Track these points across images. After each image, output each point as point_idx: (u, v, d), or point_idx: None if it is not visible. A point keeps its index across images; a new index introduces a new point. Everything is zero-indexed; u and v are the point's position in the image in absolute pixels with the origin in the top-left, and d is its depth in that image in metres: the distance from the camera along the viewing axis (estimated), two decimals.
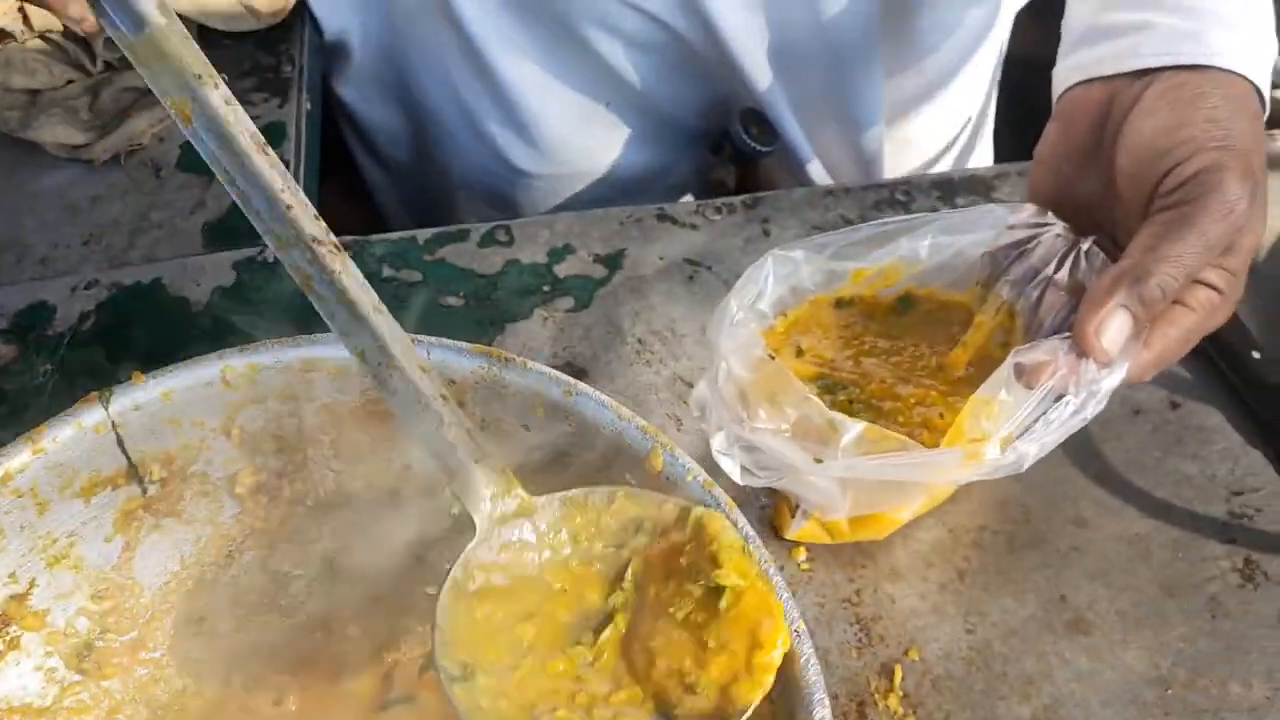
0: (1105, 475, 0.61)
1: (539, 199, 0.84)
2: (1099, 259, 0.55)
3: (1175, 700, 0.53)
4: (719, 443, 0.56)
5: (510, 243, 0.72)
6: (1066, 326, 0.54)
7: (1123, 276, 0.49)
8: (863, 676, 0.54)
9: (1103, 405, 0.51)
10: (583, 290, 0.70)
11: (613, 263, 0.71)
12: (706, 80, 0.82)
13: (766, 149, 0.82)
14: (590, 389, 0.49)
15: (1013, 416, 0.52)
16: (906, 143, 0.92)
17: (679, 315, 0.68)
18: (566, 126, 0.81)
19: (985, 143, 1.01)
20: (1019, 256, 0.57)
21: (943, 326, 0.62)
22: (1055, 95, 0.57)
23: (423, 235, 0.72)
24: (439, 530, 0.54)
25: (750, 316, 0.59)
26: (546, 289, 0.70)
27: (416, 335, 0.51)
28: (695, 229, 0.73)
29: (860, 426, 0.53)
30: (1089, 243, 0.56)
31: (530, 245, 0.72)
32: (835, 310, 0.63)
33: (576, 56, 0.79)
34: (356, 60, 0.84)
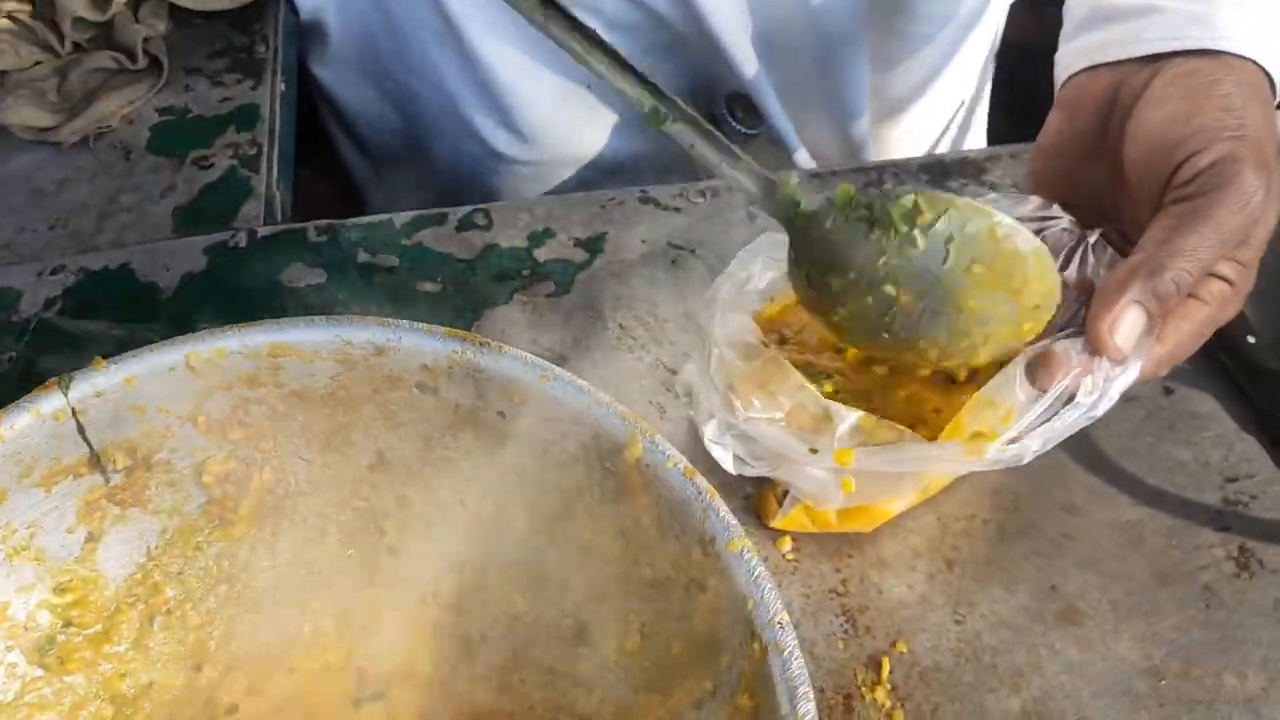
0: (1097, 462, 0.60)
1: (521, 184, 0.83)
2: (1107, 253, 0.54)
3: (1169, 691, 0.51)
4: (711, 431, 0.55)
5: (489, 226, 0.70)
6: (1075, 323, 0.52)
7: (1136, 271, 0.47)
8: (849, 669, 0.52)
9: (1113, 403, 0.50)
10: (563, 275, 0.68)
11: (594, 246, 0.69)
12: (690, 64, 0.80)
13: (752, 132, 0.80)
14: (567, 374, 0.47)
15: (1023, 420, 0.50)
16: (896, 130, 0.90)
17: (661, 300, 0.67)
18: (548, 110, 0.79)
19: (978, 130, 0.99)
20: None
21: None
22: (1058, 82, 0.56)
23: (400, 219, 0.70)
24: (411, 518, 0.53)
25: (741, 300, 0.58)
26: (526, 273, 0.68)
27: (387, 319, 0.49)
28: (678, 212, 0.71)
29: (856, 415, 0.52)
30: (1096, 235, 0.54)
31: (509, 229, 0.70)
32: None
33: None
34: (333, 41, 0.82)
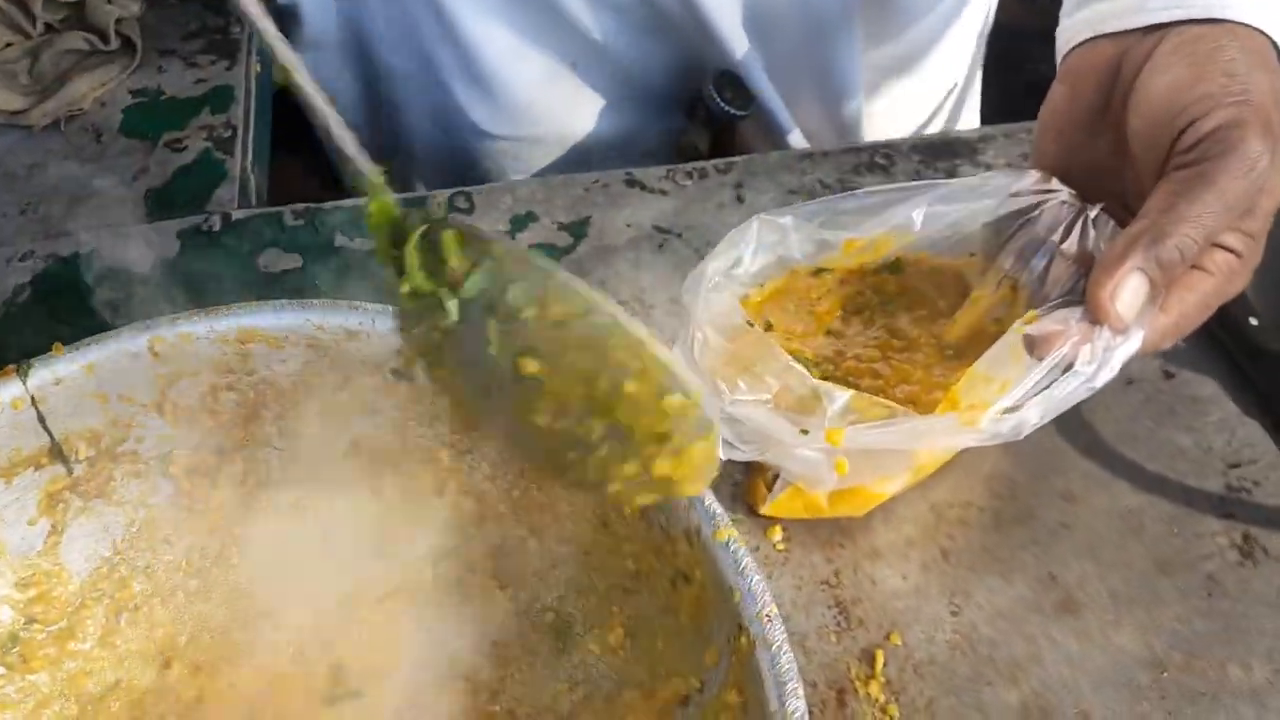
0: (1096, 448, 0.58)
1: (504, 164, 0.81)
2: (1108, 226, 0.52)
3: (1171, 684, 0.50)
4: None
5: (470, 210, 0.68)
6: (1075, 293, 0.50)
7: (1139, 238, 0.46)
8: (842, 662, 0.51)
9: (1114, 374, 0.48)
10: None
11: (578, 231, 0.68)
12: (678, 41, 0.78)
13: (741, 113, 0.78)
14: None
15: (1019, 387, 0.48)
16: (888, 111, 0.88)
17: (647, 285, 0.65)
18: (532, 87, 0.77)
19: (971, 112, 0.98)
20: (1022, 226, 0.54)
21: (931, 298, 0.59)
22: (1059, 55, 0.54)
23: None
24: (387, 509, 0.51)
25: (727, 282, 0.56)
26: None
27: (359, 302, 0.47)
28: (665, 195, 0.69)
29: (847, 394, 0.50)
30: (1096, 210, 0.52)
31: (491, 212, 0.68)
32: (812, 280, 0.59)
33: (543, 14, 0.75)
34: (312, 20, 0.80)
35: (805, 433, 0.51)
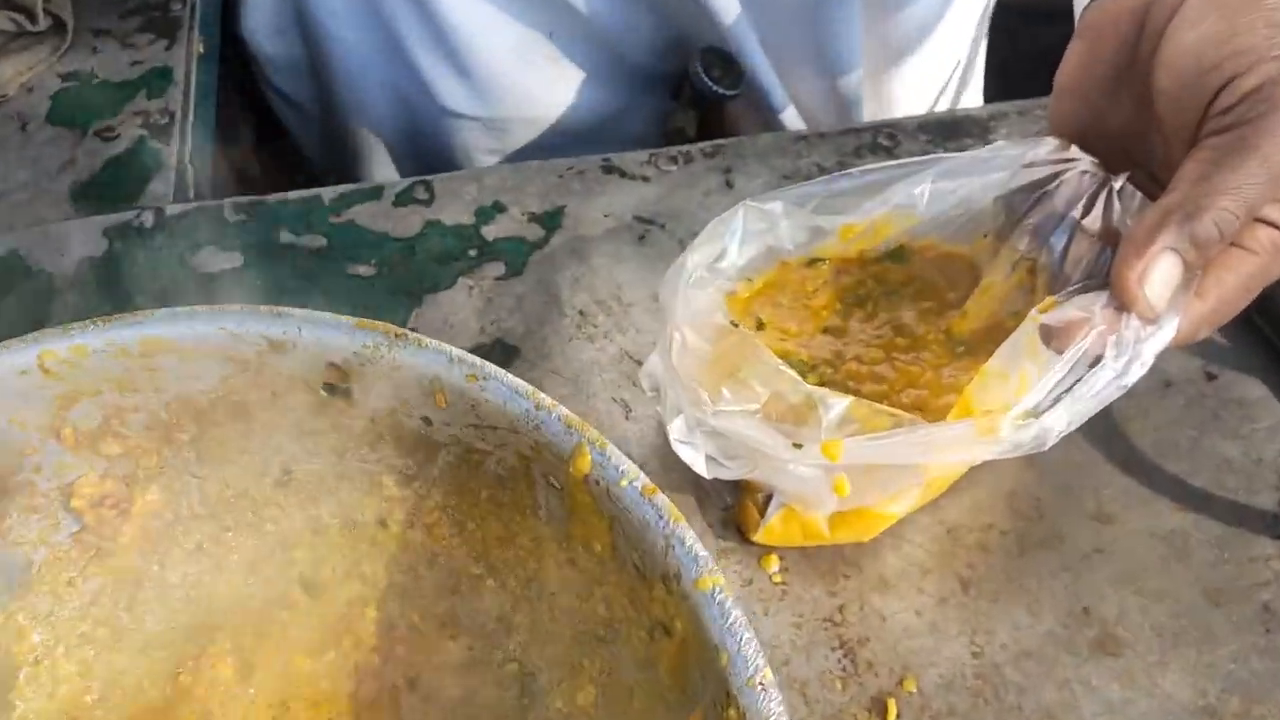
0: (1132, 460, 0.51)
1: (473, 148, 0.74)
2: (1135, 199, 0.46)
3: None
4: (678, 429, 0.47)
5: (430, 201, 0.62)
6: (1098, 276, 0.45)
7: (1170, 213, 0.40)
8: (849, 713, 0.44)
9: (1145, 368, 0.42)
10: (515, 254, 0.60)
11: (550, 222, 0.61)
12: (663, 12, 0.72)
13: (730, 92, 0.72)
14: (500, 372, 0.39)
15: (1038, 386, 0.43)
16: (889, 89, 0.82)
17: (626, 281, 0.58)
18: (505, 60, 0.70)
19: (974, 92, 0.91)
20: (1039, 200, 0.48)
21: (940, 289, 0.53)
22: (1078, 9, 0.48)
23: (328, 194, 0.62)
24: (325, 543, 0.45)
25: (710, 277, 0.50)
26: (472, 253, 0.60)
27: (283, 308, 0.41)
28: (646, 181, 0.63)
29: (845, 402, 0.44)
30: (1121, 180, 0.47)
31: (454, 203, 0.62)
32: (806, 271, 0.53)
33: None
34: None
35: (799, 446, 0.45)
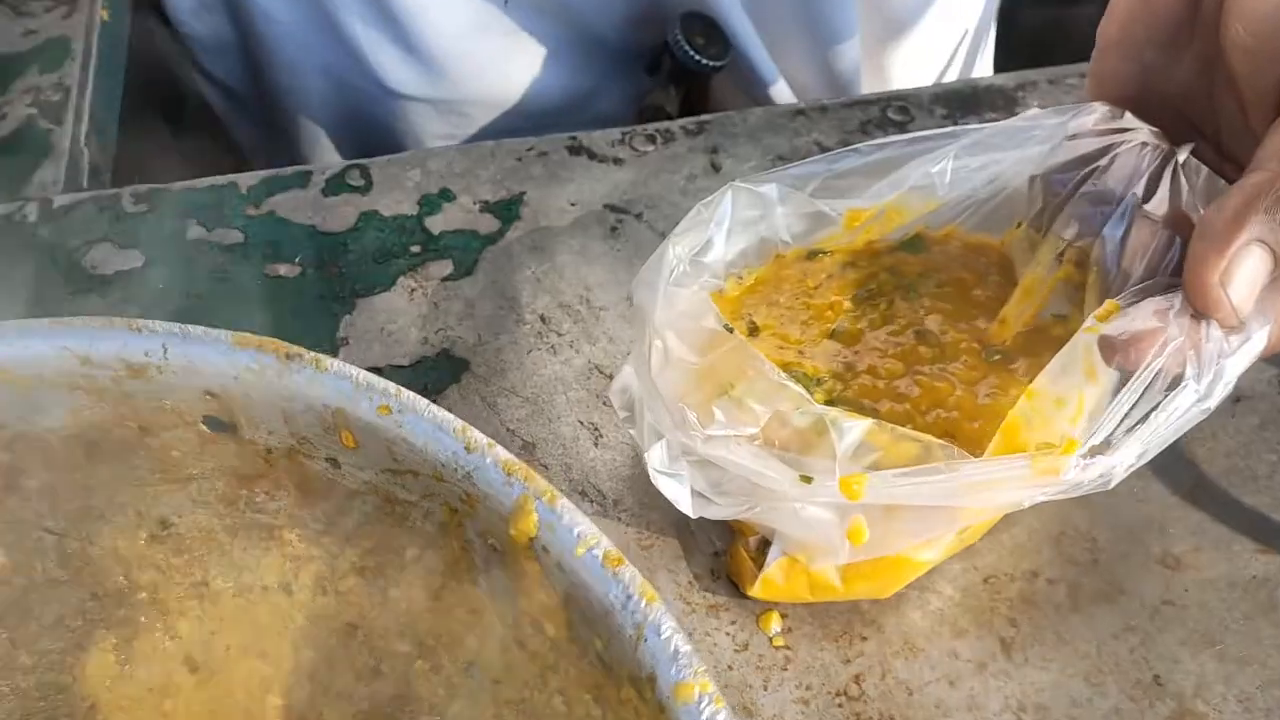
0: (1202, 492, 0.43)
1: (422, 132, 0.65)
2: (1201, 175, 0.39)
3: None
4: (658, 458, 0.39)
5: (367, 188, 0.53)
6: (1165, 273, 0.38)
7: (1256, 196, 0.33)
8: None
9: (1229, 388, 0.35)
10: (465, 251, 0.51)
11: (507, 212, 0.52)
12: None
13: (716, 63, 0.63)
14: (421, 403, 0.30)
15: (1107, 414, 0.35)
16: (889, 60, 0.73)
17: (596, 281, 0.50)
18: (457, 34, 0.61)
19: (986, 62, 0.82)
20: (1087, 179, 0.40)
21: (965, 285, 0.44)
22: None
23: (246, 181, 0.53)
24: (215, 613, 0.36)
25: (693, 273, 0.41)
26: (415, 250, 0.51)
27: (145, 321, 0.32)
28: (619, 164, 0.54)
29: (863, 425, 0.37)
30: (1185, 153, 0.39)
31: (395, 191, 0.53)
32: (807, 265, 0.45)
33: None
34: None
35: (808, 480, 0.37)
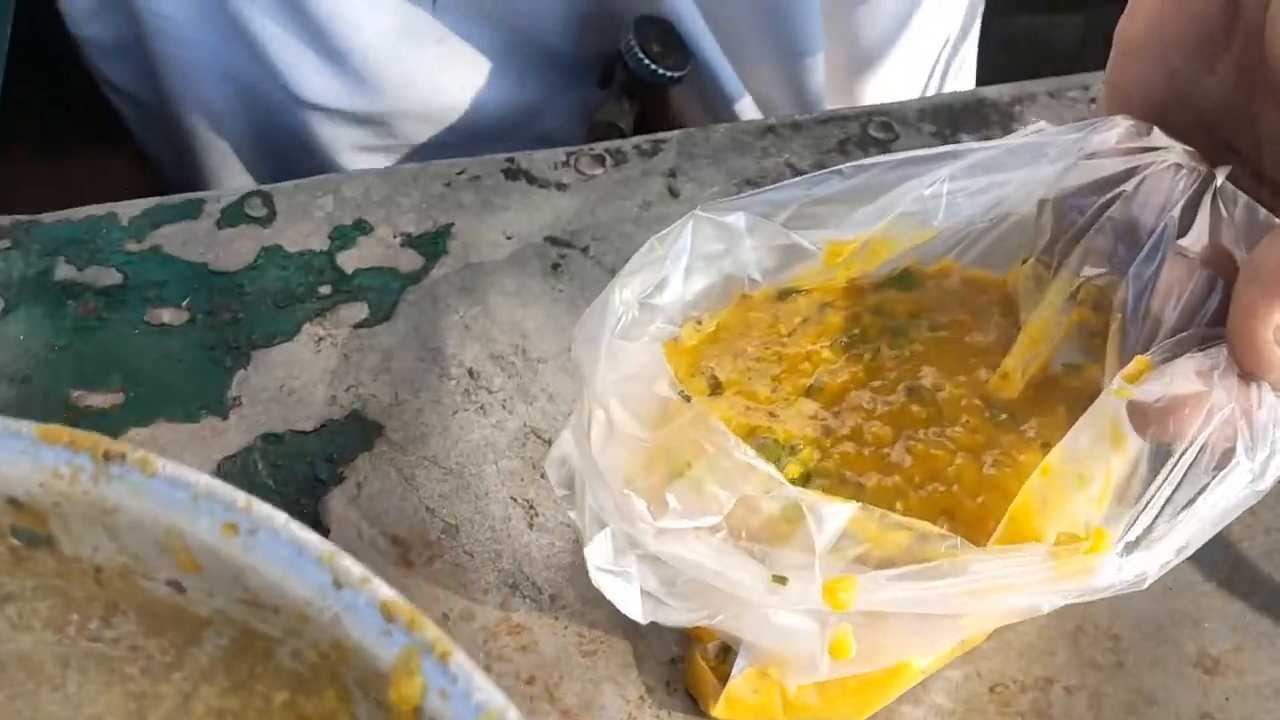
0: (1241, 577, 0.37)
1: (343, 149, 0.58)
2: (1239, 204, 0.34)
3: None
4: (600, 554, 0.33)
5: (270, 218, 0.46)
6: (1204, 323, 0.33)
7: None
8: None
9: None
10: (382, 292, 0.44)
11: (432, 246, 0.45)
12: None
13: (675, 74, 0.56)
14: (277, 518, 0.23)
15: (1146, 500, 0.30)
16: (864, 72, 0.67)
17: (534, 328, 0.43)
18: (376, 35, 0.54)
19: (967, 75, 0.76)
20: (1108, 205, 0.35)
21: (963, 328, 0.39)
22: None
23: (128, 210, 0.46)
24: None
25: (646, 319, 0.35)
26: (324, 291, 0.44)
27: None
28: (563, 190, 0.47)
29: (845, 512, 0.31)
30: (1223, 176, 0.34)
31: (302, 222, 0.46)
32: (779, 307, 0.38)
33: None
34: None
35: (782, 582, 0.31)
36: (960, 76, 0.76)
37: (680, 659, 0.35)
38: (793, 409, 0.37)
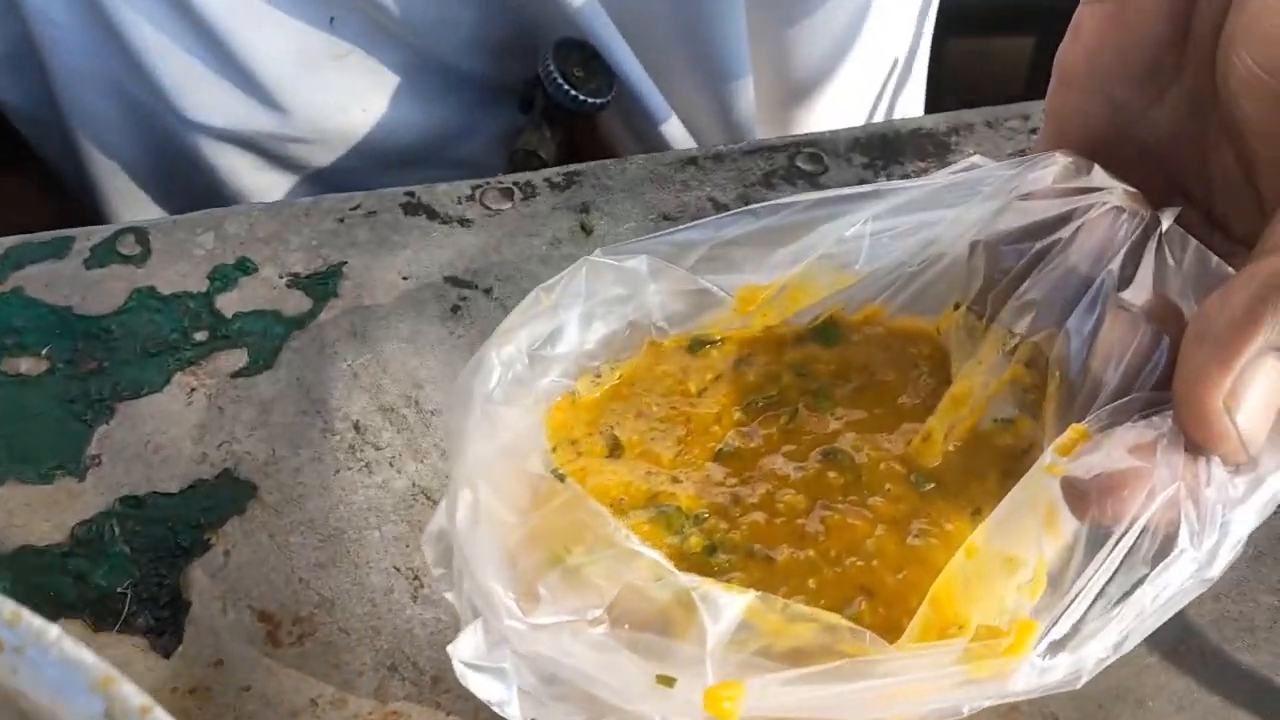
0: (1188, 649, 0.34)
1: (240, 176, 0.54)
2: (1188, 249, 0.31)
3: None
4: (468, 647, 0.30)
5: (144, 256, 0.42)
6: (1147, 386, 0.29)
7: (1271, 290, 0.26)
8: None
9: (1239, 549, 0.27)
10: (264, 338, 0.40)
11: (322, 287, 0.42)
12: (489, 3, 0.53)
13: (595, 100, 0.53)
14: (50, 633, 0.20)
15: (1074, 594, 0.27)
16: (799, 100, 0.64)
17: (429, 377, 0.39)
18: (272, 51, 0.50)
19: (915, 101, 0.74)
20: (1045, 252, 0.32)
21: (890, 388, 0.36)
22: None
23: None
24: None
25: (531, 374, 0.32)
26: (199, 338, 0.40)
27: None
28: (467, 226, 0.44)
29: (741, 602, 0.28)
30: (1171, 219, 0.31)
31: (179, 261, 0.42)
32: (689, 361, 0.35)
33: None
34: None
35: (668, 683, 0.28)
36: (907, 103, 0.73)
37: None
38: (699, 474, 0.34)
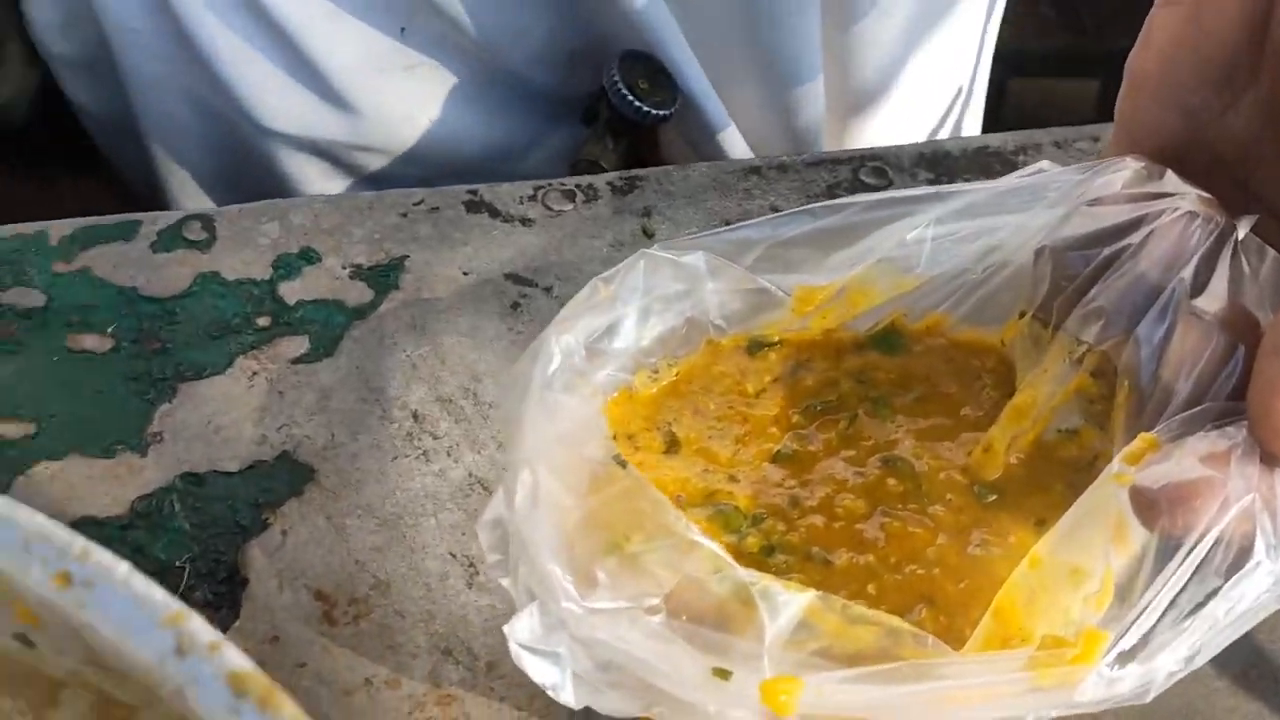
0: (1260, 672, 0.33)
1: (306, 181, 0.55)
2: (1266, 259, 0.31)
3: None
4: (524, 629, 0.30)
5: (209, 242, 0.42)
6: (1221, 396, 0.29)
7: None
8: None
9: None
10: (326, 326, 0.41)
11: (383, 279, 0.42)
12: (573, 13, 0.54)
13: (660, 113, 0.53)
14: (120, 569, 0.20)
15: (1143, 605, 0.26)
16: (864, 109, 0.64)
17: (487, 370, 0.40)
18: (345, 60, 0.51)
19: (973, 123, 0.73)
20: (1114, 259, 0.31)
21: (952, 399, 0.35)
22: None
23: (59, 230, 0.42)
24: None
25: (589, 369, 0.32)
26: (263, 323, 0.40)
27: None
28: (529, 225, 0.44)
29: (802, 600, 0.27)
30: (1247, 227, 0.31)
31: (244, 249, 0.42)
32: (748, 359, 0.35)
33: None
34: None
35: (724, 676, 0.27)
36: (967, 132, 0.73)
37: None
38: (756, 475, 0.33)
